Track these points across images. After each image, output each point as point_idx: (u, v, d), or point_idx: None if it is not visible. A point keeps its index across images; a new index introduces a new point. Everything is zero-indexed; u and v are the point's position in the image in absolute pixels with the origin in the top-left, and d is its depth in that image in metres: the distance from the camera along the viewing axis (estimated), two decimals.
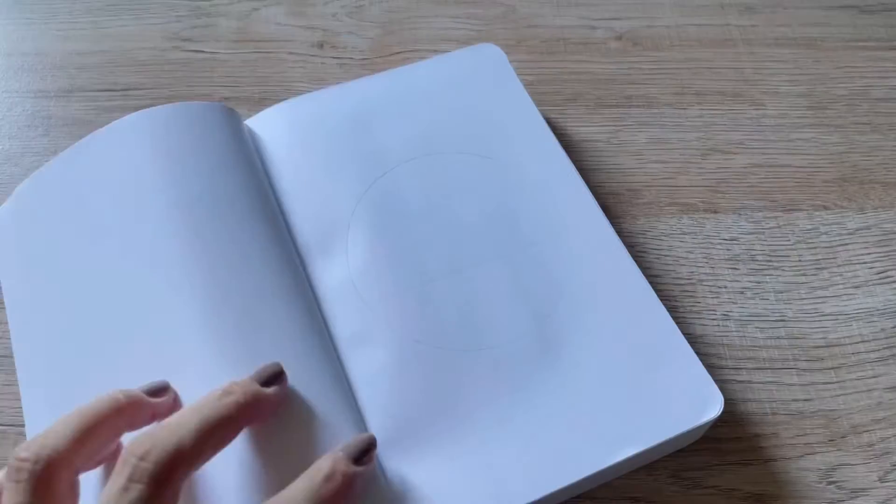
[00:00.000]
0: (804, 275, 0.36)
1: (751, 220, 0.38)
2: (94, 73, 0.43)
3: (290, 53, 0.44)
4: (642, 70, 0.43)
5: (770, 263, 0.37)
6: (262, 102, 0.42)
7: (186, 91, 0.42)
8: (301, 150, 0.36)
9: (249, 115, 0.38)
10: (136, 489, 0.20)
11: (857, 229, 0.38)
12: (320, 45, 0.45)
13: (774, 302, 0.35)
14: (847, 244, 0.37)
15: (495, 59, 0.39)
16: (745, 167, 0.40)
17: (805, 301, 0.35)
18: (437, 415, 0.30)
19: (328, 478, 0.24)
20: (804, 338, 0.34)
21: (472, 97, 0.38)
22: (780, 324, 0.35)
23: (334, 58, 0.44)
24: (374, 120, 0.37)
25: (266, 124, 0.37)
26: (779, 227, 0.38)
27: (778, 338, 0.34)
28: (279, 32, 0.45)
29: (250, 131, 0.37)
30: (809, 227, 0.38)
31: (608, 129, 0.41)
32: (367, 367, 0.31)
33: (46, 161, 0.37)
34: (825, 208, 0.38)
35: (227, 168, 0.33)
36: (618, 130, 0.41)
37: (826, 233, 0.37)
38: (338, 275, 0.33)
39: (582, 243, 0.33)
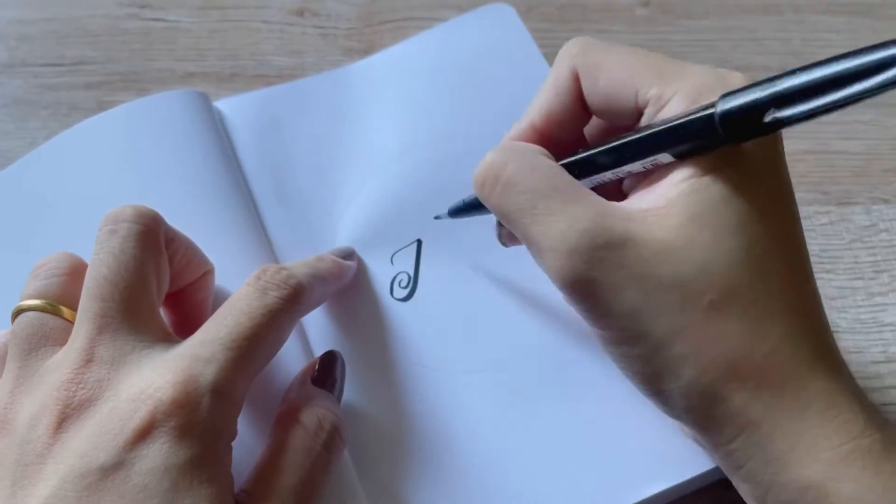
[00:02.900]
0: (861, 278, 0.37)
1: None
2: (38, 44, 0.43)
3: (265, 22, 0.44)
4: (673, 42, 0.43)
5: (821, 265, 0.37)
6: (232, 79, 0.42)
7: (144, 66, 0.43)
8: (281, 151, 0.37)
9: (218, 95, 0.39)
10: (273, 295, 0.26)
11: None
12: (300, 13, 0.45)
13: (826, 310, 0.36)
14: None
15: (507, 22, 0.39)
16: (792, 154, 0.39)
17: (862, 309, 0.36)
18: (428, 445, 0.30)
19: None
20: (860, 352, 0.35)
21: (483, 73, 0.38)
22: (833, 336, 0.35)
23: (316, 27, 0.44)
24: (368, 114, 0.38)
25: (239, 111, 0.38)
26: (831, 223, 0.38)
27: None
28: None
29: (219, 115, 0.38)
30: (867, 223, 0.38)
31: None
32: (358, 390, 0.31)
33: None
34: (885, 202, 0.39)
35: (204, 173, 0.35)
36: None
37: (886, 230, 0.38)
38: None
39: None
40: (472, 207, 0.31)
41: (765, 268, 0.24)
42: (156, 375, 0.24)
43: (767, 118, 0.22)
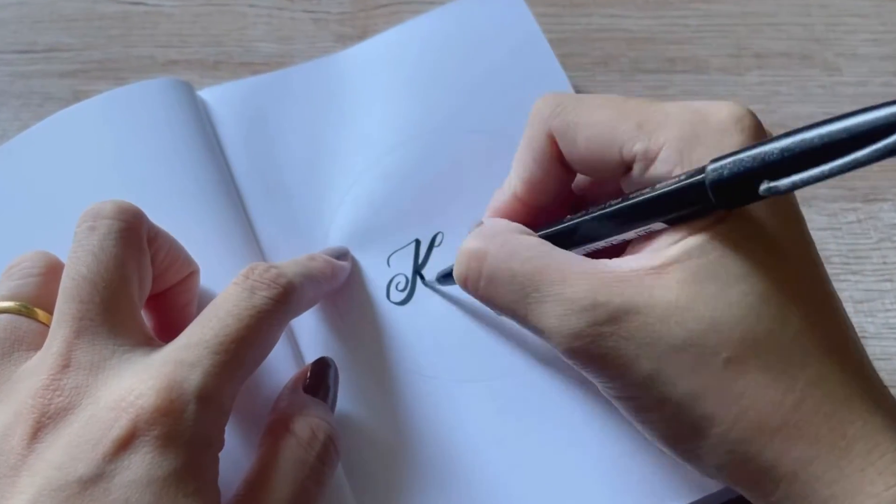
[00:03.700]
0: (890, 280, 0.37)
1: (823, 212, 0.38)
2: (9, 29, 0.43)
3: (252, 6, 0.44)
4: (689, 26, 0.43)
5: (847, 266, 0.37)
6: (216, 67, 0.42)
7: (123, 53, 0.42)
8: (269, 144, 0.37)
9: (202, 84, 0.39)
10: (261, 295, 0.26)
11: None
12: None
13: (853, 314, 0.36)
14: None
15: (511, 6, 0.39)
16: None
17: (890, 313, 0.36)
18: (425, 458, 0.30)
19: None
20: (889, 359, 0.35)
21: (484, 61, 0.38)
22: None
23: (306, 12, 0.44)
24: (361, 104, 0.38)
25: (224, 100, 0.38)
26: (858, 221, 0.38)
27: None
28: None
29: (203, 105, 0.38)
30: None
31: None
32: (353, 399, 0.31)
33: None
34: None
35: (187, 167, 0.35)
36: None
37: None
38: None
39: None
40: None
41: (782, 313, 0.24)
42: (137, 381, 0.24)
43: (762, 189, 0.22)
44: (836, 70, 0.42)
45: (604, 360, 0.25)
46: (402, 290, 0.34)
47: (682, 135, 0.25)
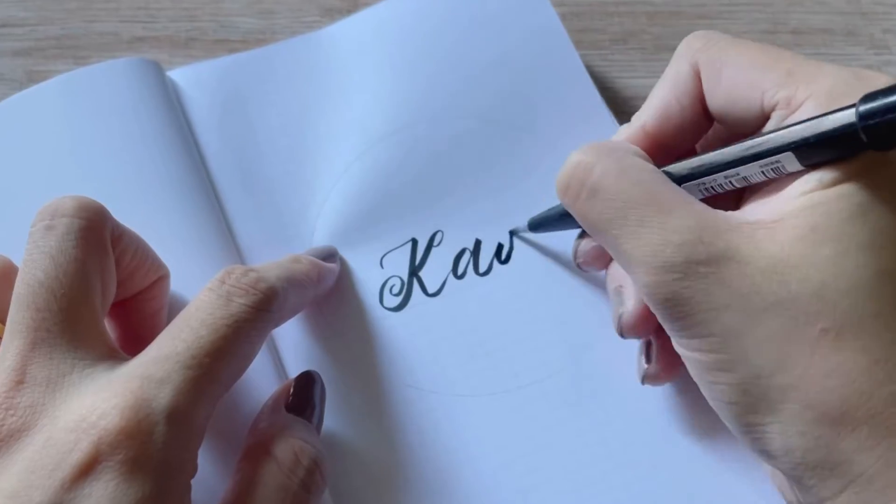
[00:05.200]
0: None
1: None
2: None
3: None
4: (717, 1, 0.43)
5: None
6: (188, 45, 0.42)
7: (83, 28, 0.42)
8: (247, 131, 0.37)
9: (172, 64, 0.39)
10: (238, 303, 0.26)
11: None
12: None
13: None
14: None
15: None
16: None
17: None
18: (422, 483, 0.30)
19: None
20: None
21: (487, 39, 0.38)
22: None
23: None
24: (350, 86, 0.38)
25: (197, 82, 0.38)
26: None
27: None
28: None
29: (174, 88, 0.38)
30: None
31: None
32: (341, 418, 0.31)
33: None
34: None
35: (155, 158, 0.35)
36: None
37: None
38: None
39: None
40: (557, 220, 0.32)
41: None
42: (100, 400, 0.23)
43: None
44: (885, 48, 0.42)
45: (688, 303, 0.25)
46: (397, 295, 0.34)
47: (833, 90, 0.25)
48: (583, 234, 0.32)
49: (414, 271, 0.34)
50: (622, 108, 0.40)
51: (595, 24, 0.43)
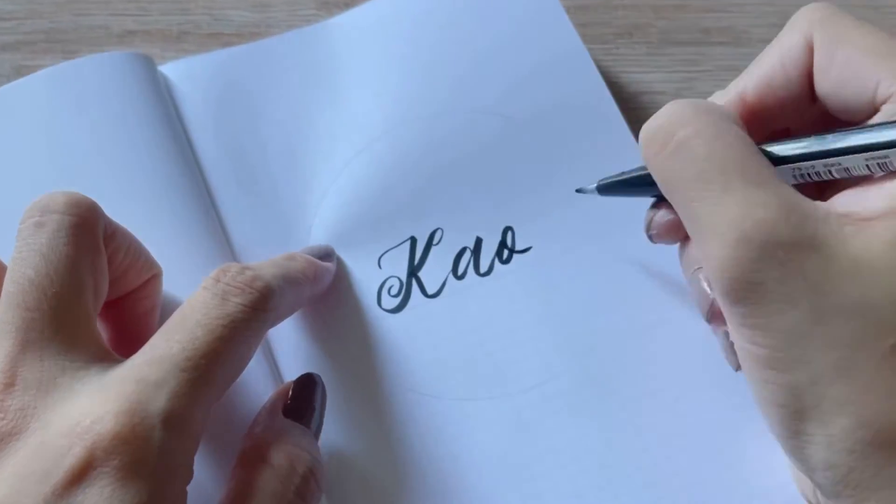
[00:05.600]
0: None
1: None
2: None
3: None
4: None
5: None
6: (181, 38, 0.42)
7: (73, 22, 0.42)
8: (242, 127, 0.37)
9: (164, 58, 0.39)
10: (234, 303, 0.26)
11: None
12: None
13: None
14: None
15: None
16: None
17: None
18: (424, 491, 0.30)
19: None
20: None
21: (491, 32, 0.38)
22: None
23: None
24: (348, 81, 0.38)
25: (190, 77, 0.38)
26: None
27: None
28: None
29: (166, 82, 0.38)
30: None
31: (678, 76, 0.41)
32: (338, 424, 0.31)
33: None
34: None
35: (147, 154, 0.35)
36: (691, 79, 0.41)
37: None
38: None
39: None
40: (630, 184, 0.30)
41: None
42: (94, 404, 0.23)
43: None
44: None
45: (758, 290, 0.24)
46: (396, 296, 0.34)
47: None
48: (656, 204, 0.30)
49: (413, 271, 0.34)
50: (627, 104, 0.40)
51: (600, 17, 0.43)
